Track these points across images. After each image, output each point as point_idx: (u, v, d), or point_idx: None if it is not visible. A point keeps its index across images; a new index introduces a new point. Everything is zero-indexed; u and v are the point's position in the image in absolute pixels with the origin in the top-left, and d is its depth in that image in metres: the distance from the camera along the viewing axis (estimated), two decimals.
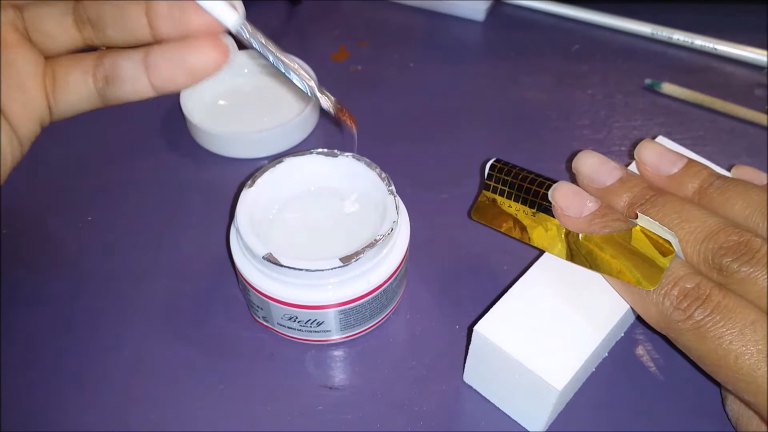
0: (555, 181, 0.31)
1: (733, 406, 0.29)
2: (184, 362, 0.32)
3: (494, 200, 0.33)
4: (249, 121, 0.41)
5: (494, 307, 0.28)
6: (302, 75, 0.28)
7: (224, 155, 0.41)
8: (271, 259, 0.28)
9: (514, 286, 0.29)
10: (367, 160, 0.32)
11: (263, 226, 0.32)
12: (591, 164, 0.32)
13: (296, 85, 0.28)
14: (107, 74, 0.28)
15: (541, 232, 0.31)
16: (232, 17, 0.26)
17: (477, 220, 0.35)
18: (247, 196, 0.31)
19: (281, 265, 0.28)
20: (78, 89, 0.29)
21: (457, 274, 0.35)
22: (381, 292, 0.31)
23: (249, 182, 0.32)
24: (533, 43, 0.49)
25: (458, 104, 0.44)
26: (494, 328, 0.28)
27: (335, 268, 0.28)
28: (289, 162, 0.33)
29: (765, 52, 0.46)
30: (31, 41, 0.28)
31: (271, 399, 0.31)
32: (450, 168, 0.40)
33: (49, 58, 0.29)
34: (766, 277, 0.25)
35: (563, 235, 0.30)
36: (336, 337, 0.32)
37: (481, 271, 0.35)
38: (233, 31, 0.26)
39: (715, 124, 0.43)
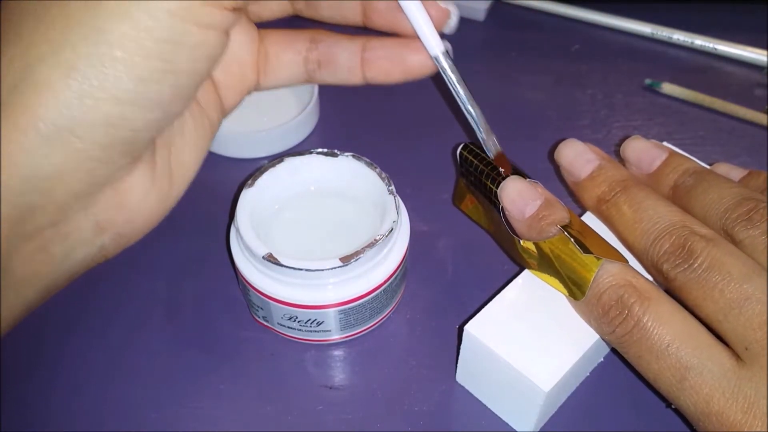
0: (506, 178, 0.30)
1: None
2: (184, 362, 0.32)
3: (468, 188, 0.33)
4: (249, 121, 0.41)
5: (486, 307, 0.28)
6: (481, 116, 0.29)
7: (224, 155, 0.41)
8: (271, 259, 0.28)
9: (507, 287, 0.29)
10: (367, 160, 0.32)
11: (263, 226, 0.32)
12: (568, 156, 0.31)
13: (467, 119, 0.29)
14: (321, 59, 0.29)
15: (498, 229, 0.31)
16: (437, 47, 0.27)
17: (458, 207, 0.35)
18: (247, 196, 0.31)
19: (281, 265, 0.28)
20: (289, 68, 0.29)
21: (457, 274, 0.35)
22: (381, 292, 0.31)
23: (249, 182, 0.32)
24: (533, 43, 0.49)
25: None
26: (484, 328, 0.28)
27: (335, 267, 0.28)
28: (289, 162, 0.33)
29: (765, 52, 0.46)
30: (248, 15, 0.28)
31: (271, 399, 0.31)
32: (450, 168, 0.40)
33: (262, 31, 0.29)
34: (701, 285, 0.25)
35: (512, 237, 0.30)
36: (336, 336, 0.32)
37: (481, 271, 0.35)
38: (432, 56, 0.27)
39: (715, 124, 0.43)
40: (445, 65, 0.27)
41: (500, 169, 0.30)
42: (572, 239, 0.27)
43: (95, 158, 0.22)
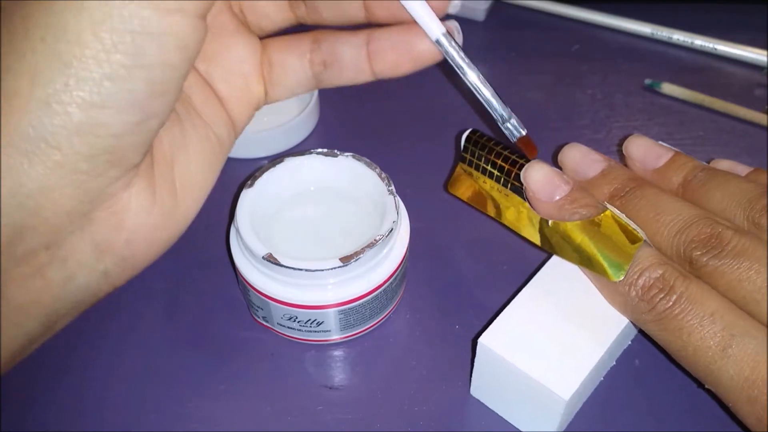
0: (528, 161, 0.30)
1: None
2: (184, 362, 0.32)
3: (470, 174, 0.33)
4: None
5: (498, 318, 0.28)
6: (496, 97, 0.27)
7: None
8: (271, 259, 0.28)
9: (517, 296, 0.29)
10: (367, 160, 0.32)
11: (263, 226, 0.32)
12: (574, 156, 0.31)
13: (483, 104, 0.27)
14: (326, 59, 0.28)
15: (513, 212, 0.31)
16: (437, 29, 0.26)
17: (452, 194, 0.35)
18: (247, 196, 0.31)
19: (281, 265, 0.28)
20: (295, 73, 0.28)
21: (456, 274, 0.35)
22: (381, 292, 0.31)
23: (249, 182, 0.32)
24: (533, 43, 0.49)
25: (458, 104, 0.44)
26: (498, 340, 0.27)
27: (335, 268, 0.28)
28: (289, 162, 0.33)
29: (765, 52, 0.46)
30: (248, 26, 0.28)
31: (271, 399, 0.31)
32: (450, 168, 0.40)
33: (264, 41, 0.28)
34: (734, 269, 0.25)
35: (534, 219, 0.30)
36: (336, 337, 0.32)
37: (481, 271, 0.35)
38: (433, 40, 0.26)
39: (715, 124, 0.43)
40: (450, 48, 0.26)
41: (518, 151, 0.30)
42: (623, 217, 0.27)
43: (81, 171, 0.21)
